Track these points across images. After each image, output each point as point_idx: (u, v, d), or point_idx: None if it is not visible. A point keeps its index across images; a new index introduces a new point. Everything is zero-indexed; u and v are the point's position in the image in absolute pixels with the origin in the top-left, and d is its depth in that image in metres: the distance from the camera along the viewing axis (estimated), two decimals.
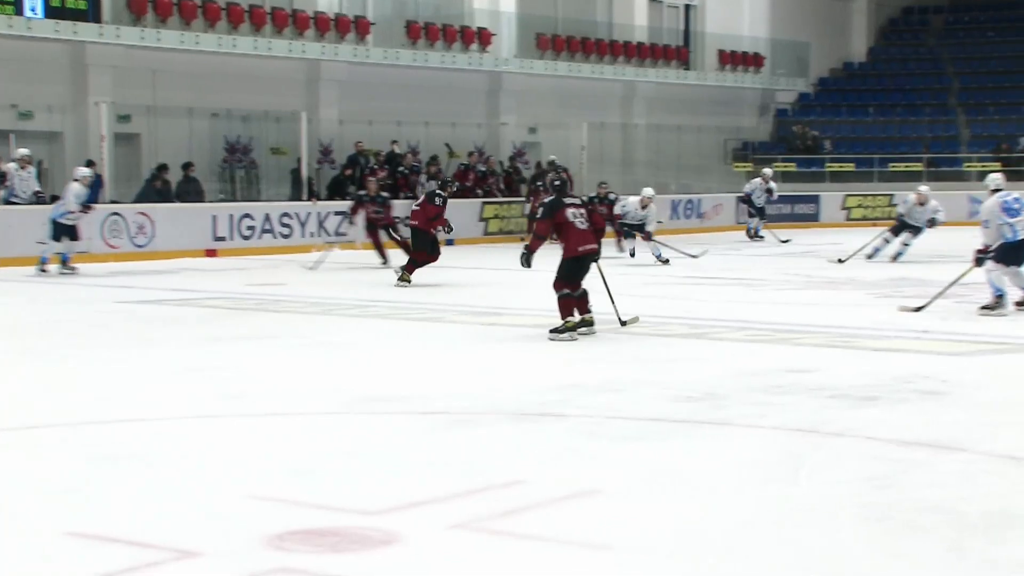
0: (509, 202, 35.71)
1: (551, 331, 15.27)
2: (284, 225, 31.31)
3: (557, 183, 16.34)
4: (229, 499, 8.47)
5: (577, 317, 15.38)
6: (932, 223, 27.06)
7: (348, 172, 34.21)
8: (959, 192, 41.07)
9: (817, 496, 8.54)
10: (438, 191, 23.45)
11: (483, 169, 36.87)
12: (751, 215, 36.21)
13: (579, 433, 10.56)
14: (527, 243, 16.21)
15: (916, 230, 27.22)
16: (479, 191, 35.99)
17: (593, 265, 15.93)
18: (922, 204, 26.72)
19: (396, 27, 36.84)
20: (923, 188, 27.40)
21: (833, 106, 47.96)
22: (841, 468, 9.38)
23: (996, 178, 18.51)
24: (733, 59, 45.97)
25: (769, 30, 47.29)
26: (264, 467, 9.41)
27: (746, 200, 36.38)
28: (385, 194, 28.04)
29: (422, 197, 24.31)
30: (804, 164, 44.27)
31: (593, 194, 28.61)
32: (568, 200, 15.52)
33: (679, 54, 44.62)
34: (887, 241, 27.09)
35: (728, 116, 45.76)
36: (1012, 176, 42.49)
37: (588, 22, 42.28)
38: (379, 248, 27.53)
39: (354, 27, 35.71)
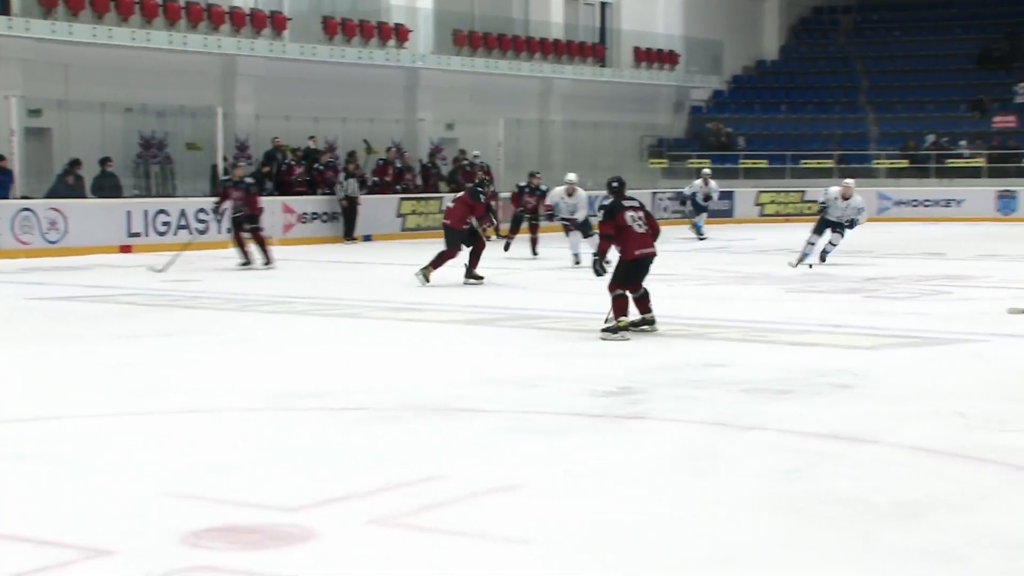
0: (427, 198, 35.60)
1: (602, 330, 15.05)
2: (200, 221, 31.00)
3: (615, 185, 15.85)
4: (144, 497, 8.35)
5: (630, 318, 15.17)
6: (852, 224, 25.74)
7: (266, 168, 34.02)
8: (869, 188, 41.37)
9: (732, 489, 8.57)
10: (479, 188, 23.08)
11: (400, 165, 36.87)
12: (696, 212, 35.75)
13: (497, 428, 10.57)
14: (596, 250, 16.21)
15: (838, 227, 25.50)
16: (397, 187, 35.89)
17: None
18: (846, 198, 25.38)
19: (313, 22, 36.75)
20: (848, 181, 26.24)
21: (746, 104, 48.27)
22: (756, 461, 9.43)
23: None
24: (648, 57, 46.16)
25: (683, 28, 47.53)
26: (179, 464, 9.31)
27: (687, 200, 36.29)
28: (250, 180, 26.90)
29: (460, 195, 23.26)
30: (718, 161, 44.39)
31: (523, 183, 27.82)
32: (627, 203, 15.32)
33: (595, 51, 44.74)
34: (812, 244, 25.05)
35: (643, 113, 45.96)
36: (918, 173, 43.30)
37: (505, 19, 42.32)
38: (240, 245, 25.80)
39: (270, 22, 35.56)
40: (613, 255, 15.50)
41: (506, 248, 26.18)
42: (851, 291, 20.35)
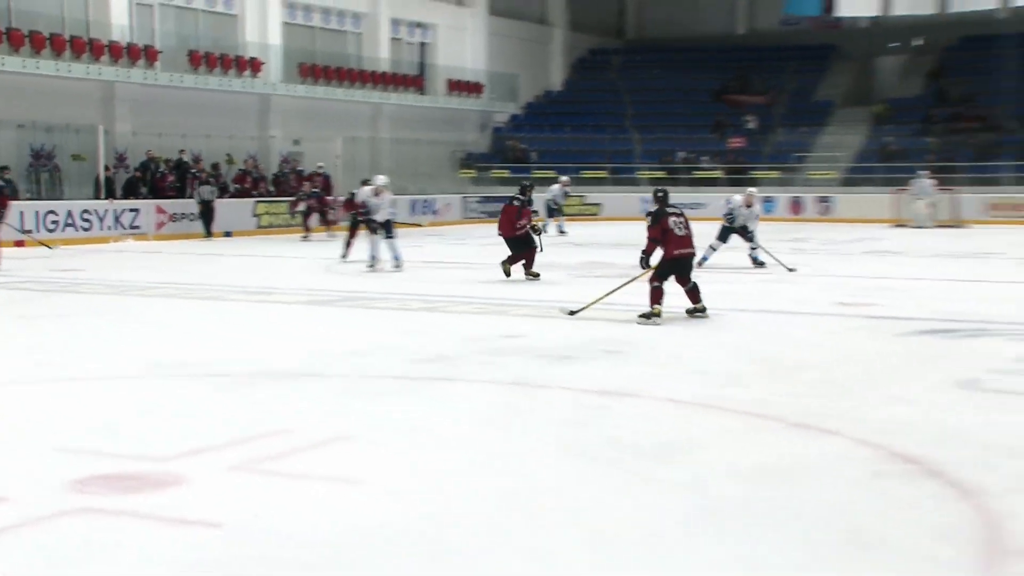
0: (278, 201, 35.30)
1: (639, 316, 14.59)
2: (85, 220, 30.56)
3: (660, 194, 15.33)
4: (36, 452, 8.23)
5: (663, 306, 14.54)
6: (744, 230, 22.89)
7: (139, 174, 33.60)
8: (633, 194, 42.00)
9: (529, 436, 8.68)
10: (516, 196, 21.51)
11: (256, 174, 36.65)
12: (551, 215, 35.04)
13: (335, 391, 10.57)
14: (644, 248, 15.03)
15: (744, 231, 22.92)
16: (254, 192, 35.76)
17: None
18: (749, 206, 22.91)
19: (180, 55, 36.26)
20: (751, 190, 23.67)
21: (537, 125, 48.45)
22: (547, 413, 9.56)
23: None
24: (459, 86, 46.29)
25: (487, 64, 47.69)
26: (67, 424, 9.19)
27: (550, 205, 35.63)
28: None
29: (503, 205, 21.81)
30: (515, 171, 44.63)
31: (355, 190, 26.91)
32: (670, 210, 14.84)
33: (416, 82, 44.75)
34: (713, 248, 22.64)
35: (455, 132, 46.08)
36: (672, 182, 43.89)
37: (341, 54, 42.19)
38: None
39: (144, 54, 34.86)
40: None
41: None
42: (622, 276, 20.49)
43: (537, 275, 20.38)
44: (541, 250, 21.23)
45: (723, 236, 22.95)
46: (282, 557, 5.97)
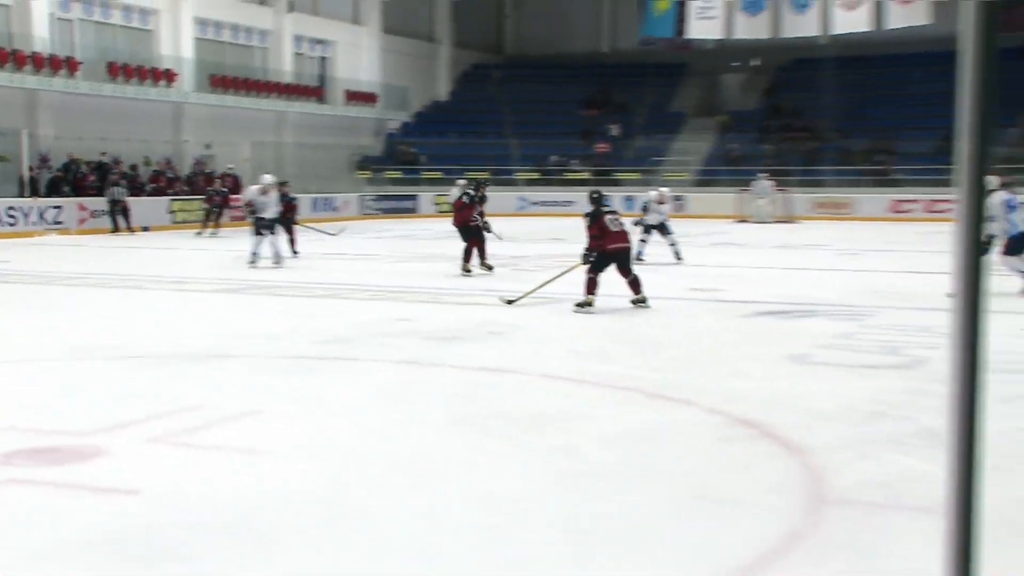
0: (191, 199, 34.79)
1: (576, 304, 14.19)
2: (10, 216, 29.94)
3: (596, 196, 14.80)
4: None
5: (596, 296, 14.11)
6: (663, 227, 21.62)
7: (61, 175, 33.01)
8: (511, 192, 42.12)
9: (422, 409, 8.68)
10: (466, 191, 20.52)
11: (171, 175, 36.18)
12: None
13: (245, 369, 10.51)
14: (587, 245, 14.41)
15: (660, 228, 21.55)
16: (169, 191, 35.28)
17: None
18: (661, 203, 21.66)
19: (100, 66, 35.58)
20: (663, 189, 22.54)
21: (426, 131, 48.32)
22: (438, 389, 9.54)
23: (993, 180, 15.40)
24: (355, 96, 46.01)
25: (381, 76, 47.46)
26: None
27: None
28: None
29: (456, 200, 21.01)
30: (407, 172, 44.61)
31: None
32: (605, 209, 14.41)
33: (316, 92, 44.38)
34: (644, 242, 21.08)
35: (352, 137, 45.79)
36: (545, 182, 44.09)
37: (249, 67, 41.71)
38: None
39: (65, 64, 34.20)
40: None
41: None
42: (502, 266, 20.57)
43: (491, 267, 19.53)
44: (501, 238, 21.59)
45: (647, 231, 21.61)
46: (197, 520, 5.93)
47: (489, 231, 20.00)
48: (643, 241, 21.19)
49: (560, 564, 5.38)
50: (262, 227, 20.76)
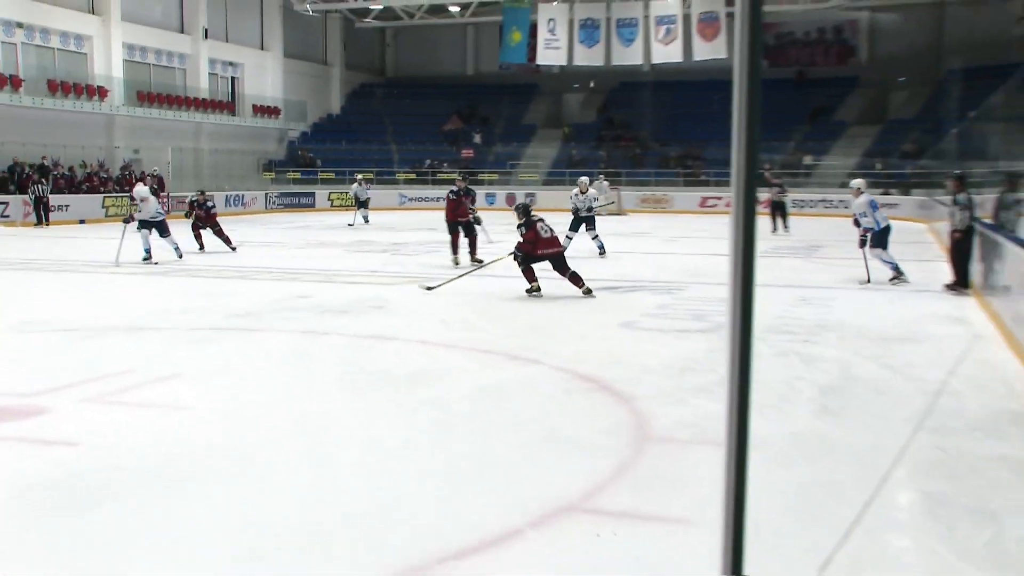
0: (121, 195, 33.90)
1: (526, 291, 13.52)
2: None
3: (524, 207, 13.69)
4: None
5: (536, 284, 13.41)
6: (590, 211, 19.37)
7: (6, 175, 31.82)
8: (393, 190, 41.91)
9: (317, 372, 8.66)
10: (452, 190, 17.82)
11: (104, 175, 35.26)
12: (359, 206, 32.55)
13: (168, 339, 10.33)
14: (519, 247, 13.42)
15: (588, 220, 19.32)
16: (102, 189, 34.32)
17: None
18: (583, 192, 19.36)
19: (41, 83, 34.45)
20: (583, 179, 20.02)
21: (321, 139, 47.70)
22: (329, 353, 9.54)
23: (860, 182, 15.31)
24: (262, 110, 45.29)
25: (283, 93, 46.81)
26: None
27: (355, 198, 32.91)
28: None
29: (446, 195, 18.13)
30: (305, 173, 43.99)
31: (195, 198, 24.09)
32: (535, 218, 13.39)
33: (228, 106, 43.60)
34: (570, 239, 18.60)
35: (259, 144, 45.10)
36: (419, 182, 43.95)
37: (170, 84, 40.80)
38: None
39: (10, 81, 33.08)
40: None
41: (200, 248, 20.96)
42: (384, 251, 20.50)
43: (481, 261, 16.91)
44: (490, 241, 19.80)
45: (574, 226, 19.33)
46: (127, 467, 5.89)
47: (479, 224, 18.11)
48: (569, 239, 18.63)
49: (432, 497, 5.43)
50: (143, 226, 18.37)
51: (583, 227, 19.34)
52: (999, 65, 23.66)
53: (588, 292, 13.46)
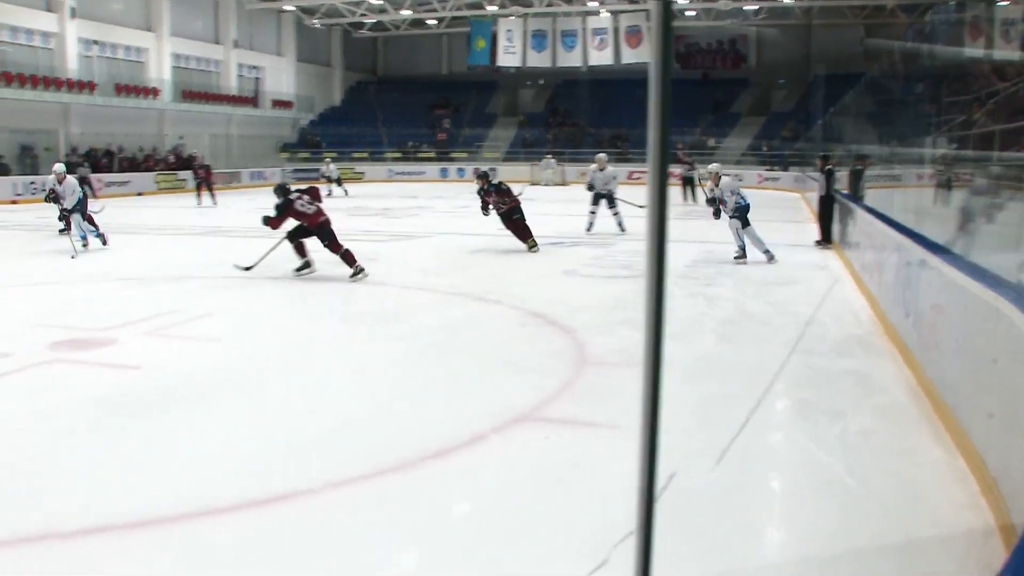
0: (170, 173, 33.39)
1: (531, 248, 12.82)
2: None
3: (280, 189, 10.87)
4: (27, 326, 7.76)
5: (307, 259, 11.00)
6: (610, 197, 15.85)
7: (84, 159, 31.13)
8: (383, 166, 41.56)
9: (316, 310, 8.54)
10: (480, 188, 13.59)
11: (157, 157, 34.63)
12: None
13: (204, 286, 10.17)
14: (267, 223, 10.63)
15: (607, 197, 15.83)
16: (155, 168, 33.68)
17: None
18: (602, 169, 15.97)
19: (110, 86, 33.81)
20: (601, 155, 16.65)
21: (326, 125, 47.04)
22: (324, 297, 9.35)
23: (716, 167, 12.95)
24: (279, 103, 44.65)
25: (296, 89, 46.15)
26: (44, 309, 8.68)
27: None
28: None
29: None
30: (313, 155, 43.45)
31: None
32: (293, 196, 10.75)
33: (253, 101, 42.93)
34: (593, 214, 15.87)
35: (277, 130, 44.45)
36: (404, 159, 43.47)
37: (209, 84, 40.11)
38: None
39: (88, 86, 32.43)
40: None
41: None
42: (376, 215, 20.34)
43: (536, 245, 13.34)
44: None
45: (595, 201, 15.89)
46: (177, 385, 5.85)
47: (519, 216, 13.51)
48: (593, 214, 15.96)
49: (411, 408, 5.42)
50: (64, 214, 14.10)
51: (604, 204, 15.84)
52: (850, 73, 23.90)
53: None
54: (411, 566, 3.47)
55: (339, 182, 31.32)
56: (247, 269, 11.04)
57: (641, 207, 14.20)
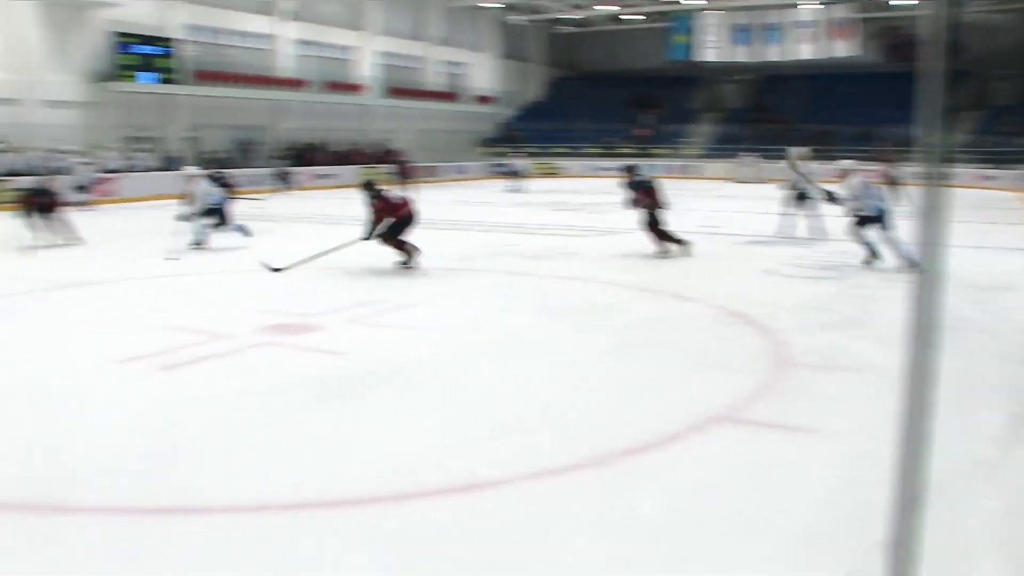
0: (374, 166, 34.87)
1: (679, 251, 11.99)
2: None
3: (368, 184, 11.37)
4: (243, 311, 8.28)
5: (409, 254, 11.13)
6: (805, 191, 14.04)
7: (295, 152, 32.95)
8: (581, 161, 41.62)
9: (517, 302, 8.65)
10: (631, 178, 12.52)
11: (362, 151, 36.28)
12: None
13: (408, 277, 10.42)
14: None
15: (804, 196, 14.05)
16: (358, 162, 35.20)
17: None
18: (798, 166, 14.23)
19: (319, 83, 35.79)
20: (798, 150, 15.34)
21: (527, 121, 47.74)
22: (527, 290, 9.50)
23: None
24: (482, 99, 45.71)
25: (495, 84, 47.10)
26: (258, 297, 9.20)
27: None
28: None
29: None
30: (512, 149, 44.16)
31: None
32: (382, 190, 11.18)
33: (451, 96, 44.19)
34: (792, 214, 14.23)
35: (474, 124, 45.52)
36: (602, 155, 43.43)
37: (413, 80, 41.63)
38: None
39: (299, 84, 34.46)
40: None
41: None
42: (575, 210, 20.29)
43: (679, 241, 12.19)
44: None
45: (795, 200, 14.20)
46: (378, 371, 6.08)
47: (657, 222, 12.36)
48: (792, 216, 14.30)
49: (608, 403, 5.41)
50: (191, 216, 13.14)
51: (805, 203, 14.17)
52: None
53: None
54: (602, 562, 3.46)
55: (522, 177, 31.42)
56: (276, 271, 10.64)
57: (834, 201, 12.59)
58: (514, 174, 31.76)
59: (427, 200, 22.72)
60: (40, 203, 13.80)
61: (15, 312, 8.47)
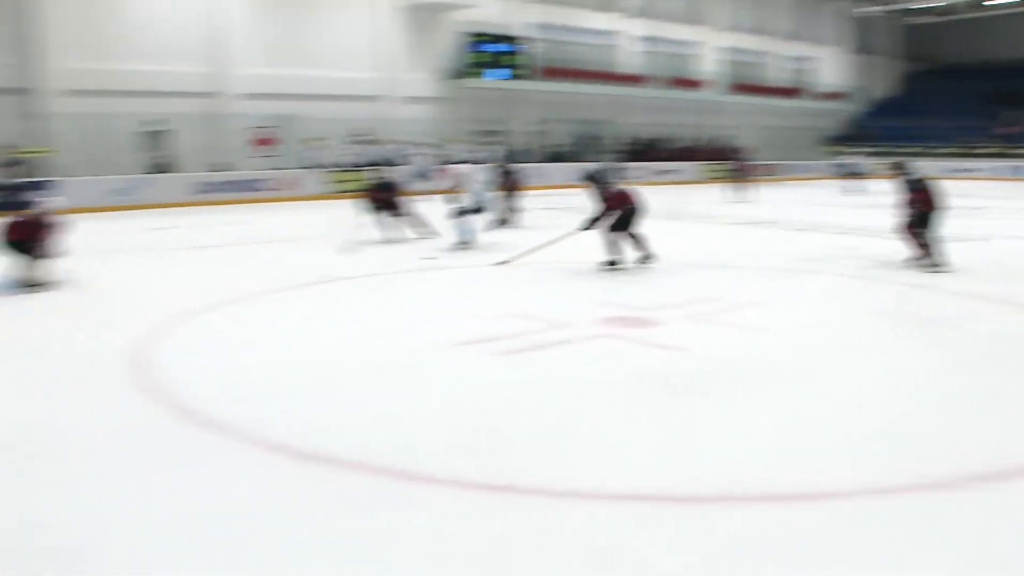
0: (711, 164, 34.68)
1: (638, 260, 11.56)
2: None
3: (592, 176, 11.61)
4: (584, 303, 8.57)
5: (647, 250, 11.00)
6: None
7: (637, 147, 33.51)
8: (935, 163, 38.36)
9: (854, 308, 8.22)
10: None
11: (704, 149, 36.13)
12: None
13: (745, 275, 10.27)
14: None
15: None
16: (696, 159, 35.05)
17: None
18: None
19: (662, 79, 36.34)
20: None
21: (879, 117, 44.83)
22: (867, 297, 8.95)
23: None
24: (828, 95, 43.79)
25: (844, 79, 44.90)
26: (601, 291, 9.46)
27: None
28: None
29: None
30: (853, 148, 41.71)
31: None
32: (606, 181, 11.03)
33: (794, 91, 42.68)
34: None
35: (818, 121, 43.64)
36: (959, 156, 39.64)
37: (754, 76, 41.02)
38: None
39: (640, 80, 34.98)
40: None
41: None
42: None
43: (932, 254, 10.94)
44: None
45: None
46: (718, 370, 6.11)
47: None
48: None
49: (952, 422, 5.07)
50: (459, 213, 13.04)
51: None
52: None
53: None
54: None
55: (864, 176, 29.40)
56: (501, 264, 10.71)
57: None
58: (856, 174, 30.03)
59: (765, 199, 22.27)
60: (384, 199, 13.93)
61: (365, 292, 9.46)
